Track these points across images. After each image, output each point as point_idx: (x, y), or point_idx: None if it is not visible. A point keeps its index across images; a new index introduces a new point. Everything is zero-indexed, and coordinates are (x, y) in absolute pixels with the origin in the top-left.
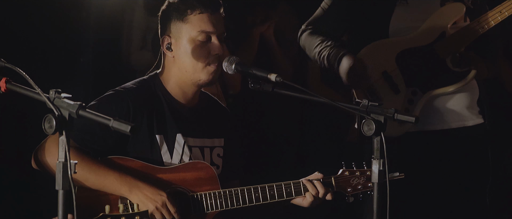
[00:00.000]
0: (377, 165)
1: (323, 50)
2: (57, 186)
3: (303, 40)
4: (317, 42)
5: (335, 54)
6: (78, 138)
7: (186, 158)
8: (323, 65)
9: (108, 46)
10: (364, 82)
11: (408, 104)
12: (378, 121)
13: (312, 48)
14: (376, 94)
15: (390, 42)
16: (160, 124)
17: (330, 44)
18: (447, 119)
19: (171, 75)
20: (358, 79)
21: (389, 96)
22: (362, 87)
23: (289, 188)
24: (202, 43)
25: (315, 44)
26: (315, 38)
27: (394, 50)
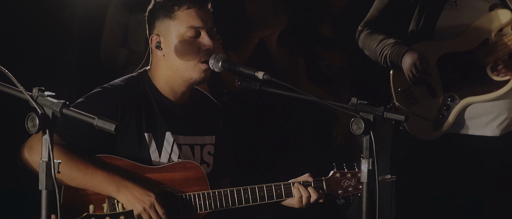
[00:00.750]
0: (366, 164)
1: (384, 49)
2: (40, 186)
3: (362, 41)
4: (377, 41)
5: (397, 52)
6: (65, 136)
7: (175, 157)
8: (385, 64)
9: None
10: (427, 77)
11: (444, 109)
12: (367, 119)
13: (373, 48)
14: (414, 97)
15: (433, 45)
16: (149, 122)
17: (391, 42)
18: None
19: (161, 73)
20: (421, 75)
21: (426, 99)
22: (424, 82)
23: (279, 190)
24: (191, 39)
25: (376, 44)
26: (375, 38)
27: (436, 53)
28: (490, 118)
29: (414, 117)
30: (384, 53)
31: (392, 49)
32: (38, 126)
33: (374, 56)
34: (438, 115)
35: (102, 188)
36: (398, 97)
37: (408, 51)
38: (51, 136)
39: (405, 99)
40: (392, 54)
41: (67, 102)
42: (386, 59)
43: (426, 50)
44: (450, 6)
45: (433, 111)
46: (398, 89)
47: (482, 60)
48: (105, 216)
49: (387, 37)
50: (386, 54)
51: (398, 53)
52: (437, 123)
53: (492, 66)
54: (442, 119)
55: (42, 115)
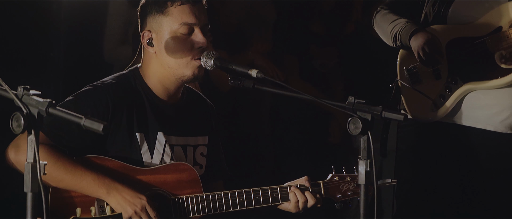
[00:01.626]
0: (364, 165)
1: (396, 27)
2: (25, 188)
3: (378, 20)
4: (390, 20)
5: (407, 30)
6: (53, 136)
7: (167, 158)
8: (395, 44)
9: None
10: (439, 58)
11: (445, 91)
12: (365, 119)
13: (386, 26)
14: (417, 76)
15: (444, 29)
16: (141, 122)
17: (403, 21)
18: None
19: (153, 71)
20: (431, 57)
21: (430, 80)
22: (435, 64)
23: (275, 193)
24: (184, 36)
25: (389, 22)
26: (389, 17)
27: (447, 37)
28: (494, 112)
29: (414, 97)
30: (395, 31)
31: (403, 27)
32: (23, 126)
33: (386, 36)
34: (439, 96)
35: (91, 190)
36: (402, 76)
37: (420, 31)
38: (36, 136)
39: (409, 78)
40: (402, 31)
41: (53, 101)
42: (396, 38)
43: (437, 33)
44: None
45: (435, 92)
46: (403, 67)
47: (492, 47)
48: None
49: (401, 17)
50: (397, 32)
51: (408, 31)
52: (437, 104)
53: (501, 54)
54: (442, 101)
55: (27, 115)
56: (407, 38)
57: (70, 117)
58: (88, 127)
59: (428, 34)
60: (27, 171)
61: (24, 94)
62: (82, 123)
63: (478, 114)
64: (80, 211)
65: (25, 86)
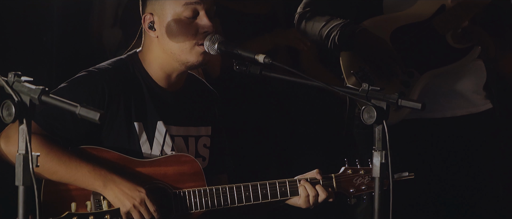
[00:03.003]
0: (379, 157)
1: (332, 30)
2: (17, 182)
3: (304, 25)
4: (323, 22)
5: (348, 32)
6: (47, 125)
7: (168, 149)
8: (332, 46)
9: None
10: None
11: (403, 87)
12: (379, 108)
13: (317, 30)
14: (368, 77)
15: (383, 19)
16: (139, 110)
17: (339, 22)
18: (450, 105)
19: (154, 56)
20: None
21: (383, 80)
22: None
23: (284, 187)
24: (188, 20)
25: (321, 26)
26: (319, 20)
27: (389, 28)
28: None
29: None
30: (332, 34)
31: (342, 30)
32: (14, 115)
33: (320, 39)
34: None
35: (87, 182)
36: (351, 80)
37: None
38: (28, 126)
39: (360, 81)
40: (344, 34)
41: (46, 88)
42: (334, 41)
43: (376, 26)
44: None
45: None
46: (351, 71)
47: (440, 29)
48: (89, 215)
49: (334, 17)
50: (335, 36)
51: (348, 34)
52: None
53: (453, 34)
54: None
55: (18, 103)
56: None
57: (65, 106)
58: (83, 116)
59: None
60: (19, 163)
61: (15, 81)
62: (77, 111)
63: (443, 102)
64: (75, 206)
65: (16, 72)
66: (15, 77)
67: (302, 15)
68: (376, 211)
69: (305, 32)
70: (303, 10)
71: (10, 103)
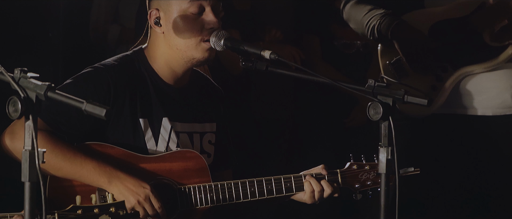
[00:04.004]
0: (385, 153)
1: (372, 20)
2: (23, 178)
3: (348, 11)
4: (364, 11)
5: (386, 24)
6: (52, 121)
7: (173, 145)
8: (372, 37)
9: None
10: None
11: (436, 81)
12: (386, 103)
13: (359, 18)
14: (403, 69)
15: (424, 14)
16: (144, 107)
17: (380, 12)
18: (482, 104)
19: (160, 52)
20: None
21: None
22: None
23: (289, 183)
24: (194, 16)
25: (363, 14)
26: (362, 8)
27: (428, 22)
28: (491, 95)
29: None
30: (372, 24)
31: (381, 20)
32: (20, 111)
33: (361, 28)
34: (431, 87)
35: (92, 179)
36: (386, 71)
37: (403, 26)
38: (34, 122)
39: (395, 72)
40: (381, 25)
41: (52, 84)
42: (373, 31)
43: (417, 19)
44: None
45: (425, 84)
46: (386, 62)
47: (478, 26)
48: (94, 207)
49: (376, 7)
50: (375, 25)
51: (387, 24)
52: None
53: (490, 32)
54: (435, 93)
55: (24, 99)
56: (388, 32)
57: (71, 102)
58: (89, 112)
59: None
60: (25, 159)
61: (21, 77)
62: (84, 108)
63: (475, 100)
64: (80, 199)
65: (22, 68)
66: (21, 73)
67: (347, 1)
68: (382, 207)
69: (348, 19)
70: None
71: (16, 99)
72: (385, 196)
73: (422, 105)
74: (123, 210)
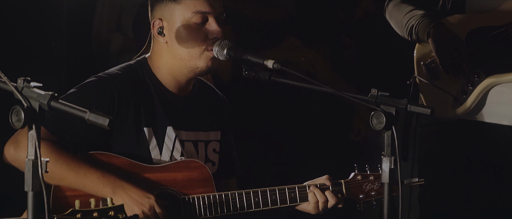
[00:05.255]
0: (388, 163)
1: (411, 20)
2: (26, 187)
3: (390, 10)
4: (405, 11)
5: (425, 25)
6: (55, 130)
7: (177, 154)
8: (410, 37)
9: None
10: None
11: (467, 86)
12: (388, 113)
13: (400, 18)
14: (436, 71)
15: (463, 19)
16: (149, 116)
17: (420, 13)
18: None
19: (163, 62)
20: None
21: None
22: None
23: (293, 193)
24: (198, 25)
25: (404, 14)
26: (404, 8)
27: (466, 27)
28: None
29: (434, 94)
30: (411, 24)
31: (420, 20)
32: (23, 121)
33: (400, 28)
34: (461, 91)
35: (96, 189)
36: (420, 71)
37: (440, 27)
38: (37, 131)
39: (427, 73)
40: (419, 26)
41: (55, 94)
42: (412, 31)
43: (455, 24)
44: None
45: (456, 87)
46: (421, 62)
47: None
48: (93, 211)
49: (417, 8)
50: (413, 25)
51: (426, 26)
52: (458, 100)
53: None
54: (464, 97)
55: (28, 109)
56: (425, 33)
57: (74, 111)
58: (92, 121)
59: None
60: (28, 168)
61: (24, 87)
62: (87, 117)
63: (503, 110)
64: (79, 203)
65: (25, 78)
66: (25, 83)
67: (390, 0)
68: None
69: (390, 17)
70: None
71: (19, 109)
72: (387, 206)
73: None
74: (122, 214)
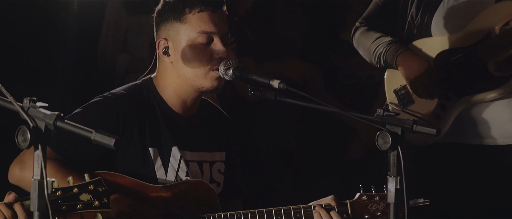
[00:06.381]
0: (394, 183)
1: (379, 47)
2: (32, 207)
3: (357, 38)
4: (372, 39)
5: (392, 52)
6: (61, 150)
7: (183, 174)
8: (379, 64)
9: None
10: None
11: (440, 110)
12: (394, 133)
13: (368, 46)
14: (409, 96)
15: (430, 42)
16: (154, 136)
17: (387, 40)
18: (488, 133)
19: (169, 82)
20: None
21: (422, 100)
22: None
23: (298, 213)
24: (203, 45)
25: (371, 41)
26: (371, 35)
27: (433, 51)
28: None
29: None
30: (379, 51)
31: (387, 48)
32: (29, 141)
33: (368, 55)
34: (434, 115)
35: None
36: (392, 98)
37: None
38: (43, 151)
39: (400, 99)
40: (387, 53)
41: (61, 114)
42: (380, 59)
43: (423, 48)
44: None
45: (429, 111)
46: (392, 89)
47: (484, 56)
48: (72, 187)
49: (384, 35)
50: (381, 53)
51: (394, 52)
52: (433, 125)
53: (495, 62)
54: (438, 122)
55: (33, 129)
56: (394, 60)
57: (80, 131)
58: (98, 141)
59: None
60: (34, 189)
61: (30, 107)
62: (92, 137)
63: (479, 130)
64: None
65: (31, 98)
66: (31, 103)
67: (357, 28)
68: None
69: (358, 45)
70: (359, 24)
71: (25, 129)
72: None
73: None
74: (102, 187)
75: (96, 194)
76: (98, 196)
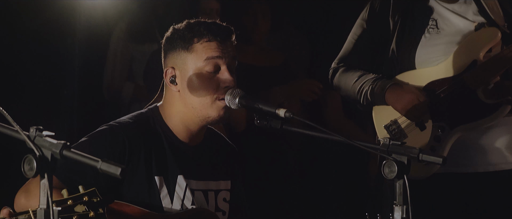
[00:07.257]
0: (400, 212)
1: (364, 85)
2: None
3: (338, 80)
4: (354, 77)
5: (380, 87)
6: (67, 179)
7: (188, 203)
8: (365, 102)
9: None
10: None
11: (434, 142)
12: (400, 162)
13: (350, 85)
14: (401, 131)
15: (416, 74)
16: (160, 165)
17: (371, 77)
18: (483, 161)
19: (175, 111)
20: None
21: (414, 133)
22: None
23: None
24: (210, 74)
25: (353, 80)
26: (351, 74)
27: (420, 83)
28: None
29: None
30: (364, 89)
31: (373, 85)
32: (35, 170)
33: (353, 94)
34: (429, 148)
35: None
36: (383, 134)
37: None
38: (50, 180)
39: (392, 135)
40: (375, 89)
41: (67, 143)
42: (367, 96)
43: (410, 80)
44: (431, 29)
45: (423, 145)
46: (382, 125)
47: (471, 84)
48: (67, 200)
49: (366, 72)
50: (367, 91)
51: (381, 88)
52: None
53: (484, 89)
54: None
55: (40, 157)
56: (382, 96)
57: (86, 160)
58: (105, 171)
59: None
60: (40, 218)
61: (36, 135)
62: (99, 166)
63: (476, 158)
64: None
65: (37, 126)
66: (37, 132)
67: (335, 70)
68: None
69: (338, 87)
70: (337, 65)
71: (31, 158)
72: None
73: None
74: (96, 198)
75: (91, 205)
76: (93, 207)
